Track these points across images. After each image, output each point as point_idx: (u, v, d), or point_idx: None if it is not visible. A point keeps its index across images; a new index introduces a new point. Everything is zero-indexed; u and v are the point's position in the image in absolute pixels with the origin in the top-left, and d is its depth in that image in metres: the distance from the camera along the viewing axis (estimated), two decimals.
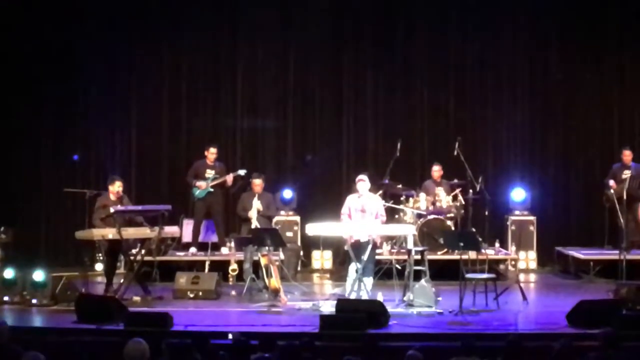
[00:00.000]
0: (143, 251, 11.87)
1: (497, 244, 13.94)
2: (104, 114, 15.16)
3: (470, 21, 15.19)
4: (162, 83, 15.27)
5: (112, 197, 12.00)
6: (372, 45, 15.29)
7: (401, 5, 15.30)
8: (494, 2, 15.15)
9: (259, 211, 12.47)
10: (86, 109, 15.15)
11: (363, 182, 11.28)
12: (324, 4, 15.24)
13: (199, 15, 15.17)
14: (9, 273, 11.58)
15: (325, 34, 15.22)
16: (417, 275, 11.06)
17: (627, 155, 13.91)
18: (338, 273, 13.62)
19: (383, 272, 11.61)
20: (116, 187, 12.01)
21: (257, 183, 12.73)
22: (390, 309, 10.13)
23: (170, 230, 12.00)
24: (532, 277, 14.07)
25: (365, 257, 10.88)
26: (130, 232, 11.64)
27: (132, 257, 11.91)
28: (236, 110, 15.31)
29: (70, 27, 14.92)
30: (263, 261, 11.44)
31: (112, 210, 11.63)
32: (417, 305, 10.68)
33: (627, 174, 13.75)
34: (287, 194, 14.60)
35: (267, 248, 11.44)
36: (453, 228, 13.45)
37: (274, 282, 11.28)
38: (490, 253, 12.71)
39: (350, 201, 11.35)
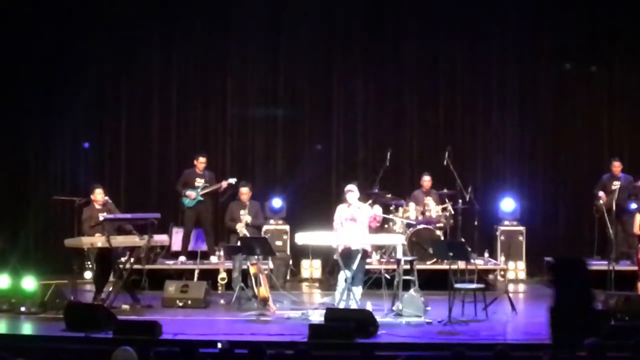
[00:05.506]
0: (132, 259, 11.84)
1: (486, 254, 13.98)
2: (93, 123, 15.14)
3: (460, 31, 15.19)
4: (151, 91, 15.25)
5: (97, 205, 12.03)
6: (361, 54, 15.31)
7: (391, 14, 15.30)
8: (485, 12, 15.15)
9: (247, 223, 12.50)
10: (74, 117, 15.07)
11: (352, 192, 11.25)
12: (313, 13, 15.24)
13: (190, 23, 15.19)
14: (2, 281, 11.55)
15: (314, 41, 15.23)
16: (406, 285, 11.07)
17: (617, 166, 13.95)
18: (327, 282, 13.60)
19: (372, 282, 11.59)
20: (97, 195, 12.06)
21: (244, 192, 12.77)
22: (379, 318, 10.13)
23: (160, 238, 12.02)
24: (521, 287, 14.07)
25: (354, 266, 10.86)
26: (119, 240, 11.64)
27: (121, 265, 11.88)
28: (226, 119, 15.31)
29: (59, 28, 14.83)
30: (252, 270, 11.43)
31: (101, 218, 11.64)
32: (406, 314, 10.67)
33: (616, 185, 13.78)
34: (277, 202, 14.57)
35: (256, 257, 11.43)
36: (442, 238, 13.46)
37: (263, 291, 11.27)
38: (479, 263, 12.74)
39: (341, 211, 11.33)
